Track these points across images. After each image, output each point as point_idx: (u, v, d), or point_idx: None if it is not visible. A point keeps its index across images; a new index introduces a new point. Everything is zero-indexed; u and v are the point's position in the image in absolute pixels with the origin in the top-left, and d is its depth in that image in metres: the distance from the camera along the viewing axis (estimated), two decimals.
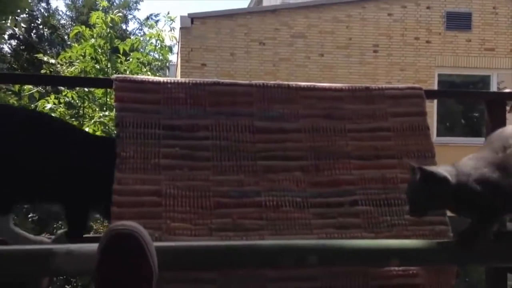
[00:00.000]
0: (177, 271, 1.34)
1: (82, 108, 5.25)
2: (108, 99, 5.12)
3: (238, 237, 1.44)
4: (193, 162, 1.53)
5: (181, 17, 8.71)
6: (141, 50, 6.27)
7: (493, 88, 9.08)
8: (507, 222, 1.55)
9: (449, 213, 1.49)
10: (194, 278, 1.38)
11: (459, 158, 1.33)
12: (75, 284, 3.88)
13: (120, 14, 6.19)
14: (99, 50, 5.47)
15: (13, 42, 13.76)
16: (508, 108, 1.83)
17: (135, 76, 4.14)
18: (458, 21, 9.20)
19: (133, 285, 1.06)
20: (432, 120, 8.41)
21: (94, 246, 1.09)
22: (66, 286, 3.92)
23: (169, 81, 1.63)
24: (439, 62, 9.18)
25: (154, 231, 1.39)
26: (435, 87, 8.77)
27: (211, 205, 1.48)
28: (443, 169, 1.27)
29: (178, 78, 8.46)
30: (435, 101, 8.18)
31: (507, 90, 1.93)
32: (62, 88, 5.32)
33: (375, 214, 1.52)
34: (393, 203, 1.53)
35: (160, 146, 1.53)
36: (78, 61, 5.41)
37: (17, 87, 4.97)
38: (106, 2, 6.27)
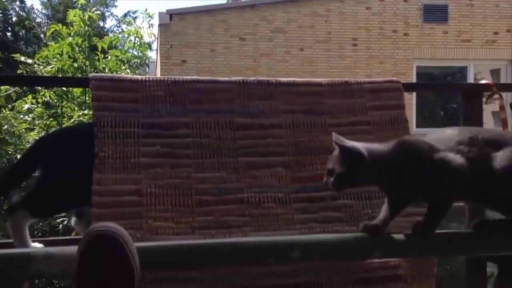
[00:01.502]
0: (160, 271, 1.33)
1: (60, 107, 5.16)
2: (86, 98, 5.05)
3: (221, 235, 1.44)
4: (174, 160, 1.52)
5: (160, 13, 8.63)
6: (120, 47, 6.19)
7: (470, 78, 9.23)
8: (485, 211, 1.57)
9: None
10: (177, 278, 1.37)
11: None
12: (57, 286, 3.82)
13: (98, 12, 6.10)
14: (77, 49, 5.38)
15: None
16: (484, 99, 1.86)
17: (112, 74, 4.09)
18: (435, 14, 9.31)
19: (114, 286, 1.05)
20: (412, 112, 8.50)
21: (74, 248, 1.07)
22: (48, 287, 3.86)
23: (147, 79, 1.61)
24: (417, 54, 9.28)
25: (135, 231, 1.37)
26: (414, 79, 8.87)
27: (193, 203, 1.47)
28: (370, 145, 1.25)
29: (158, 75, 8.40)
30: (414, 93, 8.27)
31: (483, 82, 1.96)
32: (40, 88, 5.23)
33: (356, 207, 1.53)
34: (374, 196, 1.54)
35: (140, 145, 1.51)
36: (55, 59, 5.31)
37: None
38: None
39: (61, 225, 3.94)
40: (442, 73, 9.80)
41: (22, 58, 5.64)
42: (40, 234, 3.73)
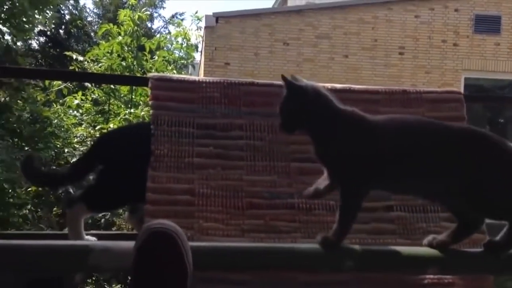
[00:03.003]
0: (209, 271, 1.33)
1: (107, 104, 5.31)
2: (133, 96, 5.17)
3: (271, 239, 1.43)
4: (227, 161, 1.53)
5: (206, 16, 8.73)
6: (167, 48, 6.31)
7: None
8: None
9: (487, 220, 1.45)
10: (226, 279, 1.37)
11: None
12: (95, 278, 3.91)
13: (148, 12, 6.23)
14: (126, 48, 5.52)
15: (41, 39, 13.99)
16: None
17: (171, 74, 4.17)
18: (487, 24, 9.01)
19: (168, 283, 1.06)
20: None
21: (131, 243, 1.09)
22: (87, 280, 3.95)
23: (204, 80, 1.63)
24: (466, 66, 9.01)
25: (186, 230, 1.38)
26: (462, 91, 8.60)
27: (244, 205, 1.48)
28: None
29: (201, 76, 8.49)
30: None
31: None
32: (89, 85, 5.39)
33: (410, 220, 1.49)
34: (430, 209, 1.50)
35: (194, 145, 1.53)
36: (104, 58, 5.47)
37: (47, 82, 5.04)
38: None
39: (103, 219, 4.04)
40: (492, 86, 9.47)
41: (74, 56, 5.83)
42: None
